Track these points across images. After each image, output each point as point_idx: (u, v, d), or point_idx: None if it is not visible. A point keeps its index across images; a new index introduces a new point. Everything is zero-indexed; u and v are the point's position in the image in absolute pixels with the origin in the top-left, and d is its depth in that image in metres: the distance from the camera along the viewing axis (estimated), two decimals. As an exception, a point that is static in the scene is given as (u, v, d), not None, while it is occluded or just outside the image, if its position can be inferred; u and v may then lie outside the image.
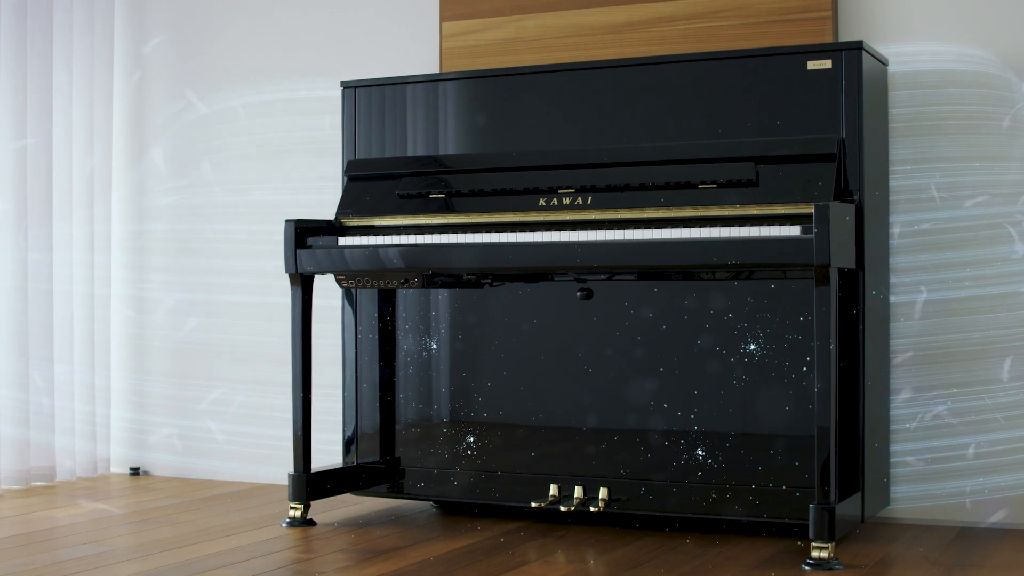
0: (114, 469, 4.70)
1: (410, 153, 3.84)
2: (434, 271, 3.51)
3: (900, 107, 3.67)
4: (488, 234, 3.44)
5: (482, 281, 3.70)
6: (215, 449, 4.54)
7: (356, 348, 3.89)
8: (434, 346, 3.80)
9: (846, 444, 3.32)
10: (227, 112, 4.54)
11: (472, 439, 3.76)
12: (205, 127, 4.58)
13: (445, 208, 3.62)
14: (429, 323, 3.82)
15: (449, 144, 3.80)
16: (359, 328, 3.89)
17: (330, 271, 3.61)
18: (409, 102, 3.85)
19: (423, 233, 3.56)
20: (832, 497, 3.09)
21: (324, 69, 4.37)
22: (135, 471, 4.65)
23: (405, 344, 3.85)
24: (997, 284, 3.58)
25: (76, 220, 4.52)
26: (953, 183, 3.62)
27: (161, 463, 4.64)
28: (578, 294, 3.60)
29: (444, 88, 3.81)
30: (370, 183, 3.78)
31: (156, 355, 4.65)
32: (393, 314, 3.88)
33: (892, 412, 3.65)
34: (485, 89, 3.77)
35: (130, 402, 4.68)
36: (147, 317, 4.66)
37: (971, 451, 3.59)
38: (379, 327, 3.87)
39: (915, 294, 3.64)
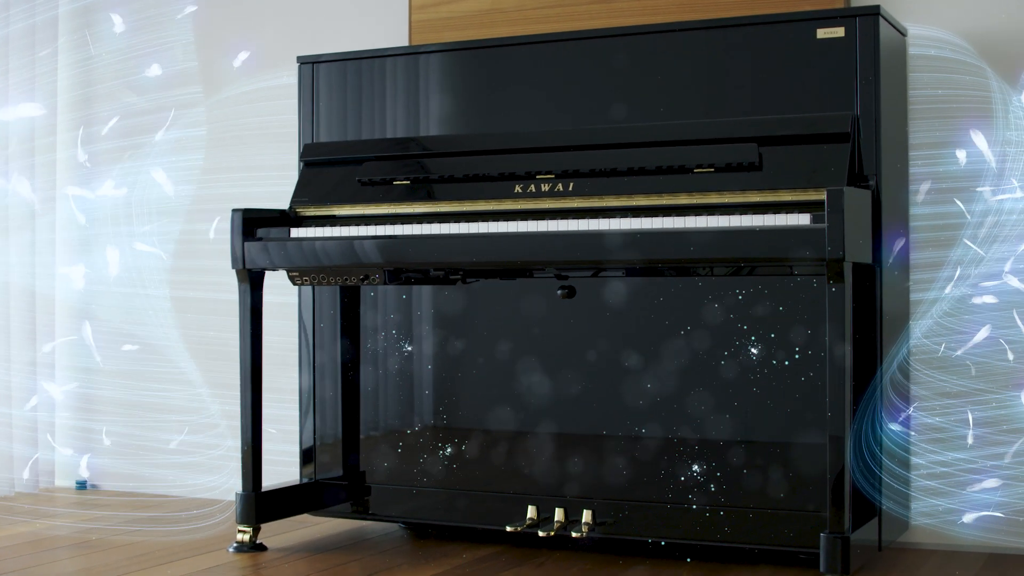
0: (59, 483, 4.32)
1: (377, 136, 3.45)
2: (396, 266, 3.13)
3: (921, 86, 3.29)
4: (456, 224, 3.06)
5: (451, 277, 3.32)
6: (169, 459, 4.17)
7: (313, 351, 3.52)
8: (408, 348, 3.43)
9: (861, 461, 2.93)
10: (181, 99, 4.17)
11: (444, 453, 3.38)
12: (159, 114, 4.20)
13: (411, 196, 3.24)
14: (398, 323, 3.44)
15: (422, 126, 3.42)
16: (318, 328, 3.52)
17: (281, 267, 3.22)
18: (377, 79, 3.47)
19: (385, 223, 3.19)
20: (846, 524, 2.71)
21: (282, 49, 3.99)
22: (81, 485, 4.27)
23: (371, 347, 3.48)
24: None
25: (11, 204, 4.15)
26: (979, 171, 3.24)
27: (110, 475, 4.26)
28: (559, 292, 3.23)
29: (415, 63, 3.43)
30: (329, 169, 3.40)
31: (105, 358, 4.27)
32: (357, 313, 3.50)
33: (912, 422, 3.26)
34: (462, 64, 3.40)
35: (76, 409, 4.31)
36: (95, 316, 4.28)
37: (1003, 462, 3.20)
38: (341, 327, 3.50)
39: (937, 291, 3.26)
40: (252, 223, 3.28)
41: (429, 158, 3.29)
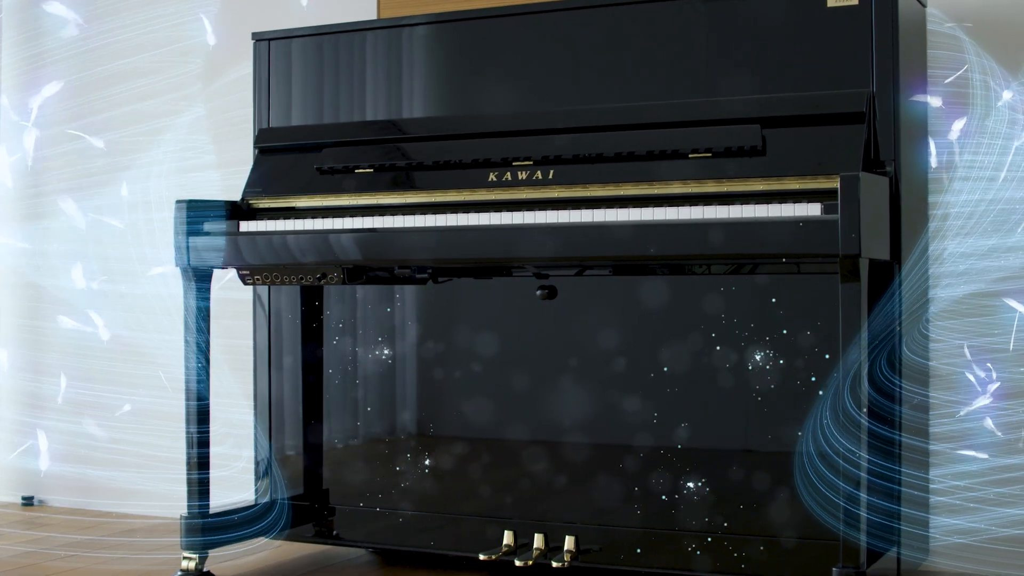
0: (4, 498, 4.00)
1: (356, 119, 3.13)
2: (355, 264, 2.80)
3: (941, 61, 2.96)
4: (423, 216, 2.74)
5: (419, 276, 3.00)
6: (125, 471, 3.84)
7: (270, 355, 3.20)
8: (381, 353, 3.11)
9: (878, 481, 2.61)
10: (133, 85, 3.85)
11: (414, 471, 3.07)
12: (109, 100, 3.87)
13: (375, 185, 2.92)
14: (366, 326, 3.12)
15: (405, 107, 3.10)
16: (274, 330, 3.20)
17: (228, 265, 2.89)
18: (356, 56, 3.16)
19: (345, 216, 2.86)
20: (861, 557, 2.37)
21: (239, 23, 3.68)
22: (28, 501, 3.95)
23: (335, 351, 3.15)
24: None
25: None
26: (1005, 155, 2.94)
27: (60, 489, 3.94)
28: (538, 293, 2.90)
29: (396, 37, 3.11)
30: (286, 156, 3.08)
31: (56, 359, 3.96)
32: (320, 314, 3.18)
33: (931, 431, 2.94)
34: (444, 38, 3.07)
35: (23, 412, 3.97)
36: (44, 323, 3.96)
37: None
38: (302, 329, 3.18)
39: (959, 288, 2.95)
40: (200, 216, 2.95)
41: (395, 143, 2.97)
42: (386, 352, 3.12)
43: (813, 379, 2.71)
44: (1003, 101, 2.97)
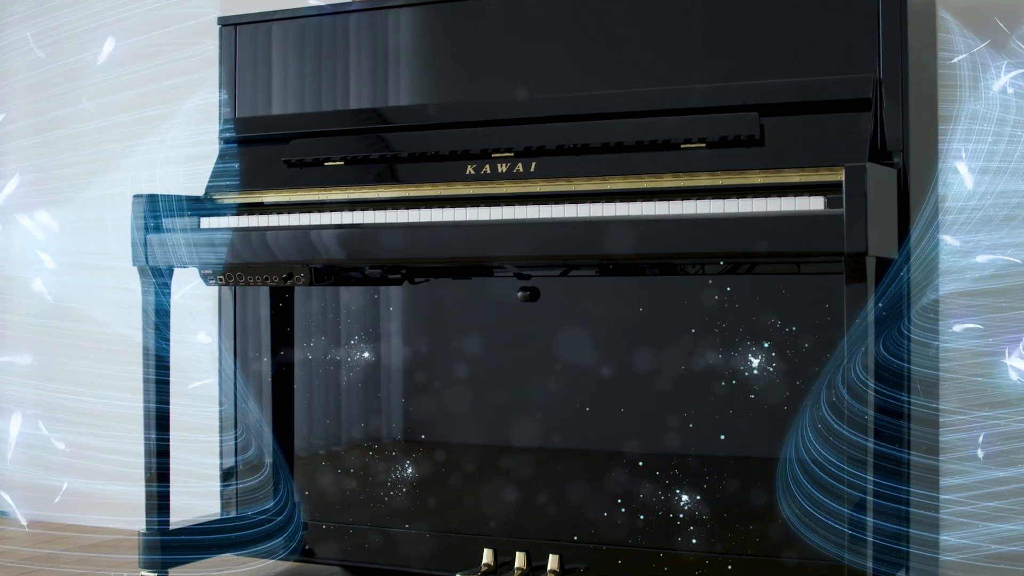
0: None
1: (340, 108, 2.98)
2: (323, 263, 2.62)
3: (951, 45, 2.84)
4: (394, 212, 2.57)
5: (391, 276, 2.82)
6: (90, 479, 3.68)
7: (236, 357, 3.03)
8: (348, 359, 2.94)
9: (885, 496, 2.44)
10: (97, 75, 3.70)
11: (389, 484, 2.91)
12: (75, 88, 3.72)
13: (346, 179, 2.74)
14: (340, 327, 2.96)
15: (388, 98, 2.94)
16: (240, 330, 3.03)
17: (188, 264, 2.72)
18: (316, 43, 2.99)
19: (312, 211, 2.69)
20: (868, 579, 2.21)
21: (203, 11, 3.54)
22: (-14, 512, 3.80)
23: (307, 353, 2.99)
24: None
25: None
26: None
27: (20, 501, 3.77)
28: (519, 294, 2.73)
29: (371, 23, 2.96)
30: (253, 148, 2.92)
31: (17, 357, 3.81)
32: (291, 316, 3.01)
33: (941, 439, 2.79)
34: (428, 23, 2.92)
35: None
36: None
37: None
38: (272, 330, 3.02)
39: (969, 284, 2.83)
40: (159, 211, 2.78)
41: (368, 134, 2.80)
42: (366, 355, 2.96)
43: (808, 389, 2.54)
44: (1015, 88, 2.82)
